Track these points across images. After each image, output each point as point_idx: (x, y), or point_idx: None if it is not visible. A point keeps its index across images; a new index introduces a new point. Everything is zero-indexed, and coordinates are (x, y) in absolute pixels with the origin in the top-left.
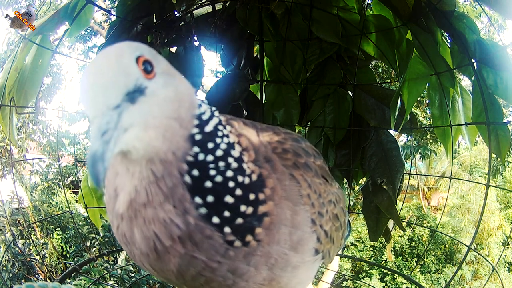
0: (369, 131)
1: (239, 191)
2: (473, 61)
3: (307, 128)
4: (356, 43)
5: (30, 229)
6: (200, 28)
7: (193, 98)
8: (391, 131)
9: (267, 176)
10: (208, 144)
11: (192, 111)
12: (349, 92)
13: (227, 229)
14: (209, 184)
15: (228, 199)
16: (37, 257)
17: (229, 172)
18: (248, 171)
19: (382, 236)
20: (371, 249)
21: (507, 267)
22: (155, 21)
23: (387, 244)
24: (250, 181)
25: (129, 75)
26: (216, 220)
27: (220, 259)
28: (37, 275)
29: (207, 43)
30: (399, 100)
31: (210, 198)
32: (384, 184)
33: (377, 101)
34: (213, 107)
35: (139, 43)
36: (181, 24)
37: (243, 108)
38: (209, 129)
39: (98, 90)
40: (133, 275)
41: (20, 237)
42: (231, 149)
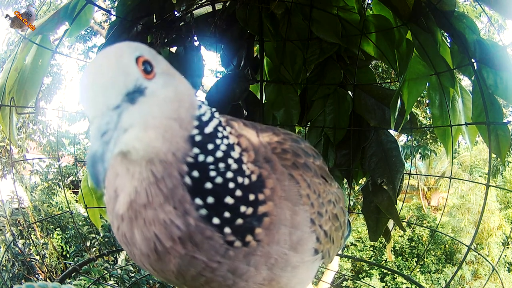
0: (369, 131)
1: (239, 192)
2: (473, 61)
3: (307, 128)
4: (356, 43)
5: (30, 229)
6: (200, 28)
7: (193, 98)
8: (391, 131)
9: (267, 176)
10: (208, 145)
11: (192, 112)
12: (349, 92)
13: (227, 230)
14: (209, 185)
15: (228, 200)
16: (37, 257)
17: (229, 173)
18: (247, 172)
19: (382, 236)
20: (371, 249)
21: (507, 267)
22: (155, 21)
23: (387, 244)
24: (249, 181)
25: (128, 75)
26: (216, 221)
27: (220, 259)
28: (37, 275)
29: (207, 43)
30: (399, 100)
31: (210, 199)
32: (384, 184)
33: (377, 101)
34: (213, 108)
35: (139, 43)
36: (181, 24)
37: (243, 108)
38: (209, 130)
39: (97, 90)
40: (133, 275)
41: (20, 237)
42: (230, 150)
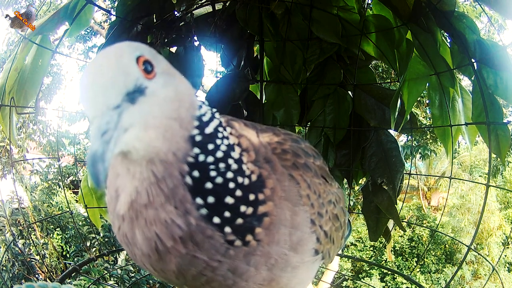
0: (369, 131)
1: (239, 192)
2: (473, 61)
3: (307, 128)
4: (356, 43)
5: (30, 229)
6: (200, 28)
7: (193, 98)
8: (391, 131)
9: (267, 176)
10: (208, 145)
11: (192, 112)
12: (349, 92)
13: (228, 229)
14: (210, 185)
15: (228, 200)
16: (37, 257)
17: (229, 173)
18: (247, 172)
19: (382, 236)
20: (371, 249)
21: (507, 267)
22: (155, 21)
23: (387, 244)
24: (249, 181)
25: (129, 75)
26: (217, 220)
27: (220, 258)
28: (37, 275)
29: (207, 43)
30: (399, 100)
31: (211, 199)
32: (384, 184)
33: (377, 101)
34: (213, 108)
35: (139, 43)
36: (181, 24)
37: (243, 108)
38: (209, 130)
39: (98, 90)
40: (133, 275)
41: (20, 237)
42: (231, 151)
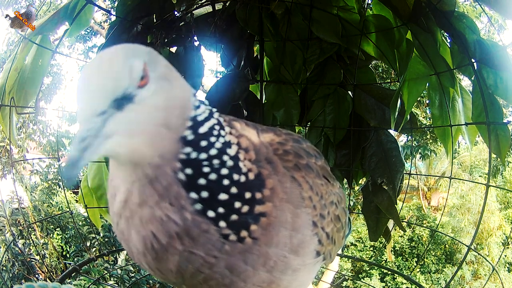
0: (369, 131)
1: (234, 189)
2: (473, 61)
3: (307, 128)
4: (356, 43)
5: (30, 229)
6: (200, 28)
7: (187, 102)
8: (391, 131)
9: (267, 176)
10: (201, 143)
11: (185, 114)
12: (349, 92)
13: (222, 223)
14: (203, 181)
15: (222, 196)
16: (37, 257)
17: (224, 170)
18: (244, 169)
19: (382, 236)
20: (371, 249)
21: (507, 267)
22: (155, 21)
23: (387, 244)
24: (246, 179)
25: (119, 82)
26: (211, 214)
27: (217, 254)
28: (37, 275)
29: (207, 43)
30: (399, 100)
31: (204, 193)
32: (384, 184)
33: (377, 101)
34: (213, 108)
35: (139, 45)
36: (181, 24)
37: (243, 108)
38: (203, 130)
39: (87, 95)
40: (133, 275)
41: (20, 237)
42: (227, 148)
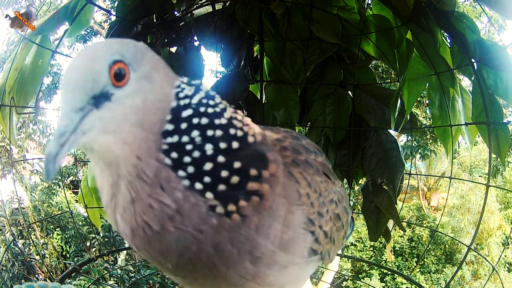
0: (369, 131)
1: (221, 158)
2: (473, 61)
3: (307, 128)
4: (356, 43)
5: (30, 229)
6: (200, 28)
7: (168, 97)
8: (391, 131)
9: (273, 162)
10: (181, 125)
11: (166, 111)
12: (349, 92)
13: (209, 194)
14: (188, 159)
15: (207, 166)
16: (37, 257)
17: (208, 145)
18: (239, 133)
19: (382, 236)
20: (371, 249)
21: (507, 267)
22: (155, 21)
23: (387, 244)
24: (239, 146)
25: (97, 81)
26: (199, 186)
27: (203, 227)
28: (37, 275)
29: (207, 43)
30: (399, 100)
31: (191, 169)
32: (384, 184)
33: (377, 101)
34: (211, 91)
35: (125, 42)
36: (181, 24)
37: (243, 108)
38: (186, 113)
39: (67, 91)
40: (133, 275)
41: (20, 237)
42: (215, 119)
